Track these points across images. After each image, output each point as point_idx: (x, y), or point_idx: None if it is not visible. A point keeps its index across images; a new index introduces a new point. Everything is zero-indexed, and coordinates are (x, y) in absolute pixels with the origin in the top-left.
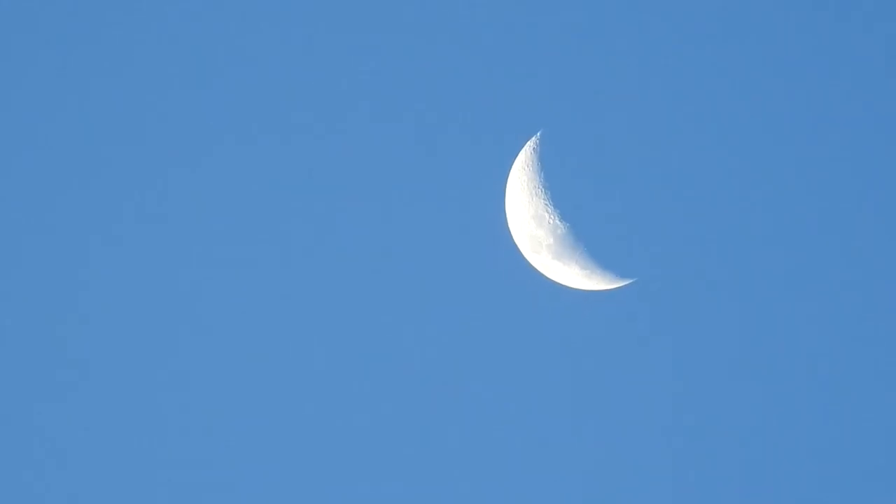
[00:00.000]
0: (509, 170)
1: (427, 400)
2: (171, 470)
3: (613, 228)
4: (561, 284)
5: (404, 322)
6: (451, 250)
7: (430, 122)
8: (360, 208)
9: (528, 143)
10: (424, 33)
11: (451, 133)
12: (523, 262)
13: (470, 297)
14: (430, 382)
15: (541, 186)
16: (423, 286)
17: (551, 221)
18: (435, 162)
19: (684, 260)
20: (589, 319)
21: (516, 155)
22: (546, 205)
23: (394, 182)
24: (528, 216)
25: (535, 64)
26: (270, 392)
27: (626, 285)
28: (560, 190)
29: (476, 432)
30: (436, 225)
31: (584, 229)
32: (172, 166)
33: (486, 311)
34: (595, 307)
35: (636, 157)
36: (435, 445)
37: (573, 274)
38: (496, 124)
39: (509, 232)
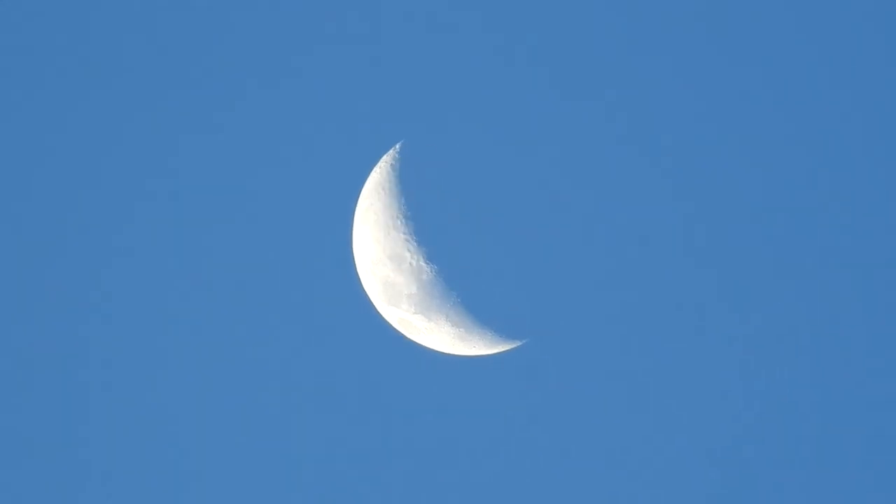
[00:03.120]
0: (358, 193)
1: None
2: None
3: (497, 273)
4: (427, 348)
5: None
6: (276, 303)
7: (252, 123)
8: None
9: (385, 157)
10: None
11: (278, 139)
12: (376, 319)
13: (305, 365)
14: (262, 474)
15: (400, 216)
16: (238, 349)
17: (414, 263)
18: (253, 178)
19: (590, 316)
20: (463, 393)
21: (368, 173)
22: (407, 241)
23: (201, 202)
24: (384, 256)
25: (397, 55)
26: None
27: (512, 349)
28: (426, 220)
29: None
30: (251, 266)
31: (457, 274)
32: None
33: (328, 384)
34: (471, 377)
35: (528, 177)
36: None
37: (443, 334)
38: (339, 131)
39: (357, 277)
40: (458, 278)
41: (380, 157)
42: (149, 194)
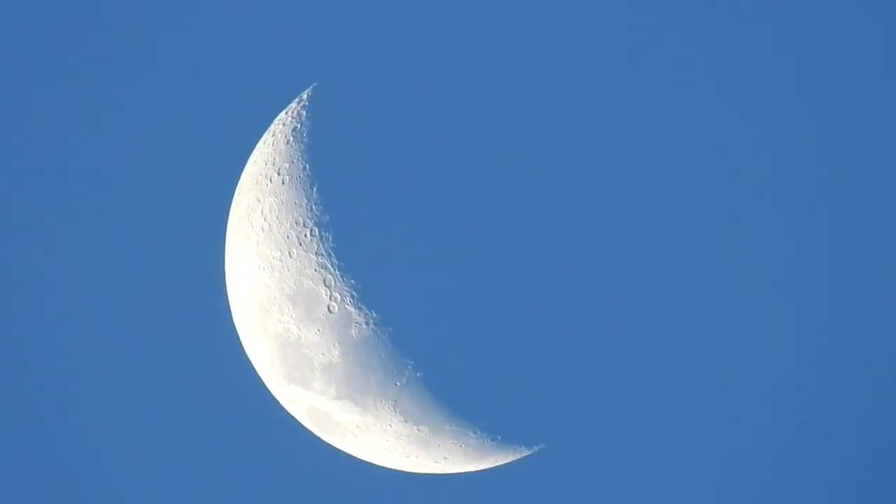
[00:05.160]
0: (234, 182)
1: None
2: None
3: (484, 326)
4: (360, 461)
5: None
6: (93, 379)
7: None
8: None
9: (283, 114)
10: None
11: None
12: (268, 407)
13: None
14: None
15: (311, 222)
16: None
17: (335, 307)
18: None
19: (622, 414)
20: None
21: (252, 145)
22: (323, 267)
23: None
24: (280, 295)
25: None
26: None
27: (513, 462)
28: (358, 231)
29: None
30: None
31: (414, 326)
32: None
33: None
34: None
35: (523, 163)
36: None
37: (389, 436)
38: (202, 68)
39: (234, 333)
40: (414, 335)
41: (275, 114)
42: None
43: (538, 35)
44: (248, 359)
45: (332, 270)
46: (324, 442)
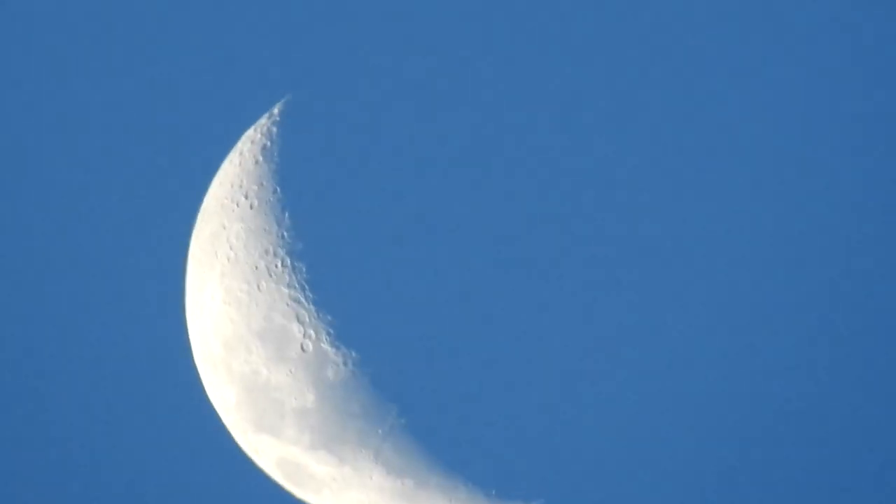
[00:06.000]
0: (196, 206)
1: None
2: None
3: (476, 367)
4: None
5: None
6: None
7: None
8: None
9: (251, 130)
10: None
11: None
12: (234, 458)
13: None
14: None
15: (281, 251)
16: None
17: (309, 346)
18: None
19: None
20: None
21: (216, 165)
22: (295, 301)
23: None
24: (248, 333)
25: None
26: None
27: None
28: (334, 260)
29: None
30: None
31: (397, 367)
32: None
33: None
34: None
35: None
36: None
37: (371, 490)
38: (161, 79)
39: (196, 375)
40: (398, 377)
41: (242, 130)
42: None
43: (536, 34)
44: (210, 403)
45: (306, 305)
46: (296, 497)
